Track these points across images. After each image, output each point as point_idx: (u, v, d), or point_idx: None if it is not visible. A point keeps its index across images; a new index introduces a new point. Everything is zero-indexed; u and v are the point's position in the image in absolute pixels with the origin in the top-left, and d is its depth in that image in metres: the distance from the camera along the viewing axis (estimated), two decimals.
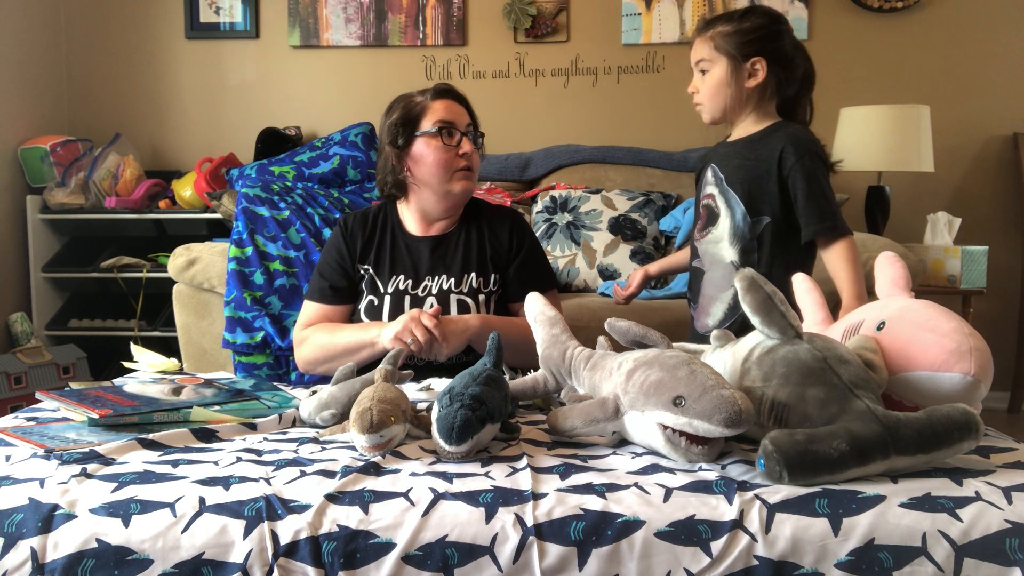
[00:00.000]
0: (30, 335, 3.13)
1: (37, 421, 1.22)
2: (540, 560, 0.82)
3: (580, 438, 1.09)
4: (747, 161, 1.59)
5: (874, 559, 0.81)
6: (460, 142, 1.65)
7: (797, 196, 1.53)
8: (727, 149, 1.66)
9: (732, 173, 1.61)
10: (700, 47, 1.60)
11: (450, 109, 1.66)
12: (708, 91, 1.60)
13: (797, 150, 1.53)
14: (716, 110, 1.61)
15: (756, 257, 1.59)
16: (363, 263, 1.71)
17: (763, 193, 1.57)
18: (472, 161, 1.66)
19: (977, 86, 3.27)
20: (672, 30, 3.34)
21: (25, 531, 0.84)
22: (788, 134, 1.57)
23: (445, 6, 3.40)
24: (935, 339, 1.00)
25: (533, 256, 1.73)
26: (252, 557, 0.82)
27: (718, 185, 1.63)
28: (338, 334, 1.63)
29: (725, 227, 1.61)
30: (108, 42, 3.52)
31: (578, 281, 2.75)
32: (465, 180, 1.66)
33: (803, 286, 1.26)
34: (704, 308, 1.65)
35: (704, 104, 1.62)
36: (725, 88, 1.58)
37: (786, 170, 1.54)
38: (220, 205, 2.74)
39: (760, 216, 1.58)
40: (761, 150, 1.58)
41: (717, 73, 1.58)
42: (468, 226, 1.73)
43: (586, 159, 3.16)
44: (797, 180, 1.53)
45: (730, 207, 1.61)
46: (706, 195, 1.66)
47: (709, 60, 1.59)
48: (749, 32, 1.57)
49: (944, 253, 2.87)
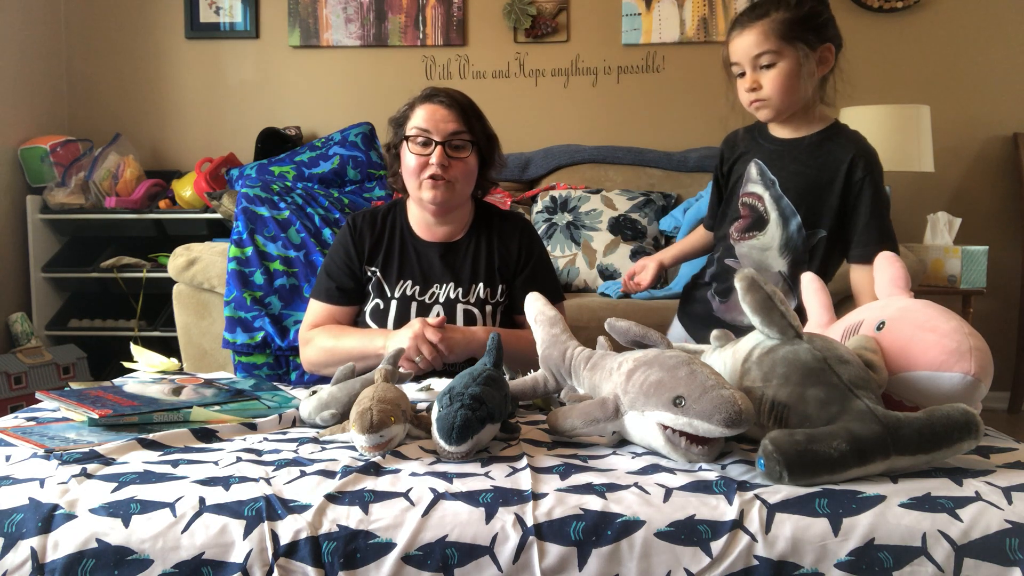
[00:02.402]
0: (30, 335, 3.13)
1: (37, 421, 1.22)
2: (540, 560, 0.82)
3: (580, 438, 1.09)
4: (807, 168, 1.48)
5: (874, 559, 0.81)
6: (433, 151, 1.57)
7: (860, 211, 1.44)
8: (778, 148, 1.54)
9: (788, 179, 1.50)
10: (757, 38, 1.43)
11: (432, 115, 1.58)
12: (778, 86, 1.43)
13: (868, 162, 1.44)
14: (786, 106, 1.46)
15: (806, 269, 1.45)
16: (371, 265, 1.69)
17: (823, 205, 1.48)
18: (448, 172, 1.57)
19: (977, 86, 3.27)
20: (672, 30, 3.34)
21: (25, 531, 0.84)
22: (854, 142, 1.47)
23: (445, 6, 3.40)
24: (935, 339, 1.00)
25: (541, 268, 1.70)
26: (252, 557, 0.82)
27: (769, 189, 1.52)
28: (343, 339, 1.62)
29: (776, 236, 1.52)
30: (108, 42, 3.52)
31: (578, 281, 2.75)
32: (432, 189, 1.58)
33: (811, 287, 1.25)
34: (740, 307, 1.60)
35: (771, 99, 1.45)
36: (797, 80, 1.43)
37: (855, 183, 1.44)
38: (220, 205, 2.74)
39: (816, 229, 1.50)
40: (824, 157, 1.47)
41: (787, 65, 1.42)
42: (479, 234, 1.69)
43: (586, 159, 3.17)
44: (865, 195, 1.44)
45: (784, 216, 1.51)
46: (750, 194, 1.56)
47: (775, 52, 1.42)
48: (812, 17, 1.43)
49: (944, 253, 2.87)
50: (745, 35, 1.44)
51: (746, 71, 1.47)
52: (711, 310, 1.64)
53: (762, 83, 1.45)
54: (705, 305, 1.66)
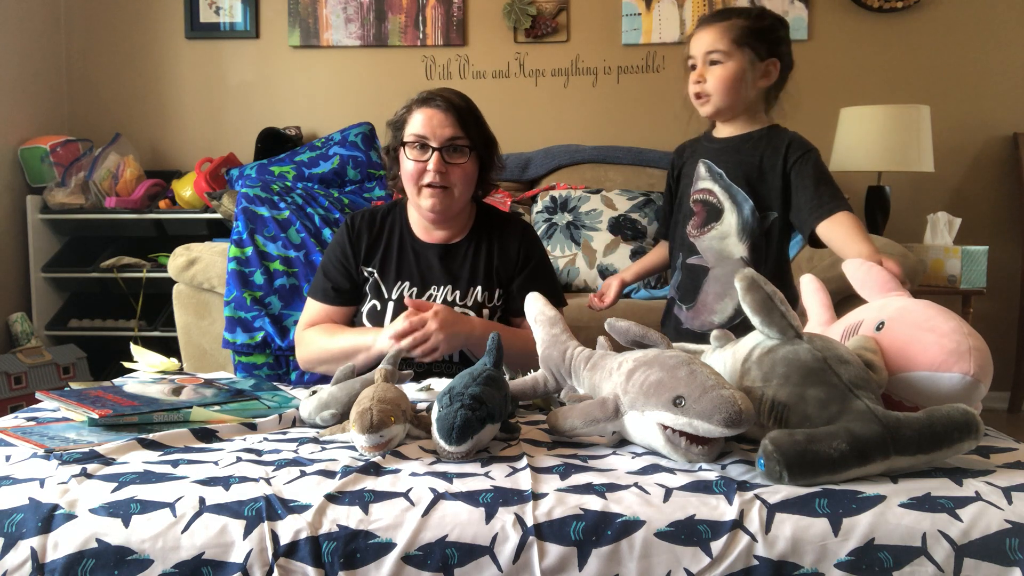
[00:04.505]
0: (30, 335, 3.13)
1: (37, 421, 1.22)
2: (540, 560, 0.82)
3: (580, 438, 1.09)
4: (750, 158, 1.58)
5: (874, 559, 0.81)
6: (430, 157, 1.57)
7: (805, 183, 1.51)
8: (719, 144, 1.63)
9: (734, 169, 1.60)
10: (713, 37, 1.53)
11: (429, 121, 1.56)
12: (721, 84, 1.53)
13: (803, 145, 1.55)
14: (725, 104, 1.56)
15: (765, 253, 1.58)
16: (368, 265, 1.69)
17: (768, 188, 1.57)
18: (446, 179, 1.57)
19: (977, 86, 3.27)
20: (672, 30, 3.34)
21: (25, 531, 0.84)
22: (791, 134, 1.58)
23: (445, 6, 3.40)
24: (934, 339, 1.00)
25: (541, 271, 1.70)
26: (252, 557, 0.82)
27: (718, 181, 1.62)
28: (336, 338, 1.63)
29: (732, 223, 1.60)
30: (108, 42, 3.52)
31: (578, 281, 2.75)
32: (430, 198, 1.58)
33: (810, 286, 1.26)
34: (708, 306, 1.64)
35: (712, 96, 1.55)
36: (740, 83, 1.53)
37: (792, 163, 1.53)
38: (220, 205, 2.74)
39: (768, 211, 1.58)
40: (765, 147, 1.57)
41: (733, 67, 1.52)
42: (478, 237, 1.69)
43: (586, 159, 3.17)
44: (805, 169, 1.52)
45: (736, 202, 1.59)
46: (700, 190, 1.64)
47: (725, 52, 1.52)
48: (768, 32, 1.54)
49: (944, 253, 2.87)
50: (704, 32, 1.55)
51: (697, 65, 1.57)
52: (681, 323, 1.70)
53: (707, 78, 1.55)
54: (676, 320, 1.71)
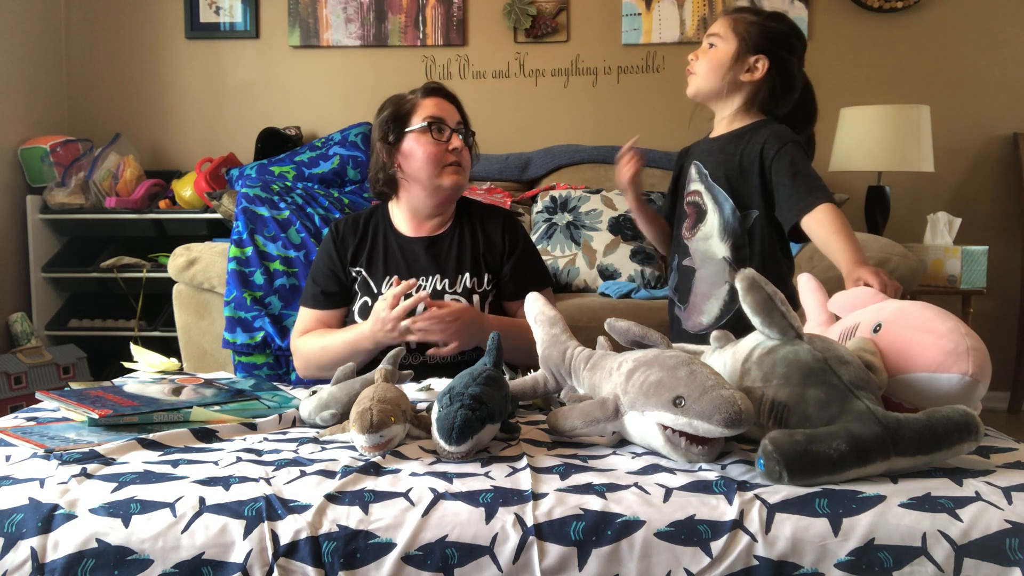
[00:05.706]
0: (30, 335, 3.13)
1: (37, 421, 1.22)
2: (540, 560, 0.82)
3: (580, 438, 1.09)
4: (731, 156, 1.59)
5: (874, 559, 0.81)
6: (450, 138, 1.66)
7: (784, 180, 1.51)
8: (709, 145, 1.65)
9: (716, 168, 1.61)
10: (721, 22, 1.60)
11: (439, 106, 1.68)
12: (707, 65, 1.59)
13: (779, 139, 1.54)
14: (704, 86, 1.61)
15: (748, 252, 1.58)
16: (355, 266, 1.72)
17: (748, 186, 1.57)
18: (462, 157, 1.68)
19: (977, 86, 3.26)
20: (672, 30, 3.34)
21: (25, 531, 0.84)
22: (770, 129, 1.58)
23: (445, 6, 3.40)
24: (932, 340, 1.00)
25: (528, 254, 1.75)
26: (252, 557, 0.82)
27: (703, 181, 1.63)
28: (329, 337, 1.66)
29: (714, 223, 1.61)
30: (108, 42, 3.52)
31: (578, 281, 2.75)
32: (455, 175, 1.67)
33: (808, 286, 1.26)
34: (697, 306, 1.65)
35: (697, 75, 1.61)
36: (723, 69, 1.58)
37: (768, 160, 1.53)
38: (220, 205, 2.74)
39: (748, 210, 1.58)
40: (745, 145, 1.58)
41: (722, 52, 1.57)
42: (461, 226, 1.74)
43: (586, 159, 3.16)
44: (783, 166, 1.52)
45: (718, 202, 1.60)
46: (691, 192, 1.66)
47: (721, 37, 1.58)
48: (769, 31, 1.57)
49: (944, 253, 2.87)
50: (720, 18, 1.62)
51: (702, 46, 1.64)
52: (681, 325, 1.70)
53: (699, 56, 1.61)
54: (676, 320, 1.72)
